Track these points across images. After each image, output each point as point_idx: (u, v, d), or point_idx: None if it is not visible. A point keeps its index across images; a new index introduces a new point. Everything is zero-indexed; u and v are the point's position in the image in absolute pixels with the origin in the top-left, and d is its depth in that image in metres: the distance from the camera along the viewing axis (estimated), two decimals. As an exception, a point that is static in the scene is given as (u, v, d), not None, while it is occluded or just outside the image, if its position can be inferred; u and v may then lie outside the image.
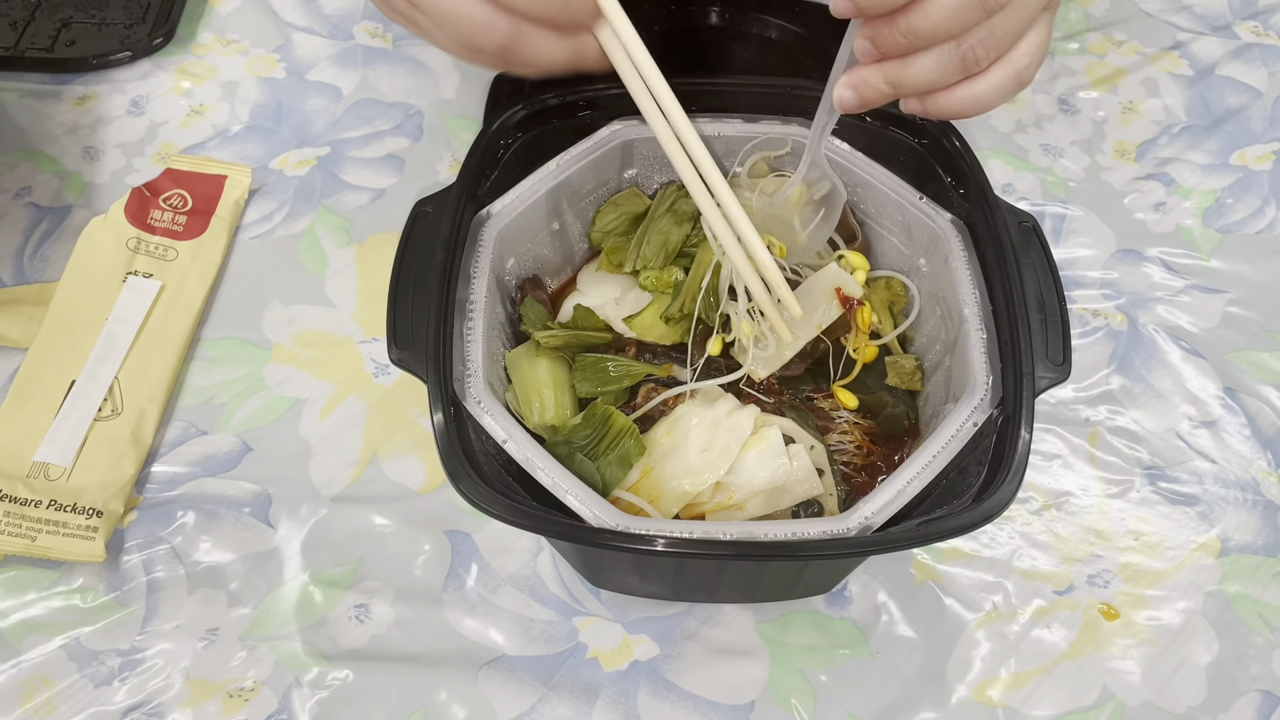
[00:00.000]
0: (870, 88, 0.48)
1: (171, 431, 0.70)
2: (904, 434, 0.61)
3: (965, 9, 0.44)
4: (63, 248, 0.77)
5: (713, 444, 0.55)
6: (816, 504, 0.56)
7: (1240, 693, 0.62)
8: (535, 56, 0.48)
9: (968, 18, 0.44)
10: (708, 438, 0.55)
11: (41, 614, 0.63)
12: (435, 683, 0.61)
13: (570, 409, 0.58)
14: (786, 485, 0.55)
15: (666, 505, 0.55)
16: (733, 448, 0.55)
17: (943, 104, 0.48)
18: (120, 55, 0.87)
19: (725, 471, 0.55)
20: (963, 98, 0.48)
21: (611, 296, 0.65)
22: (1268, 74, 0.90)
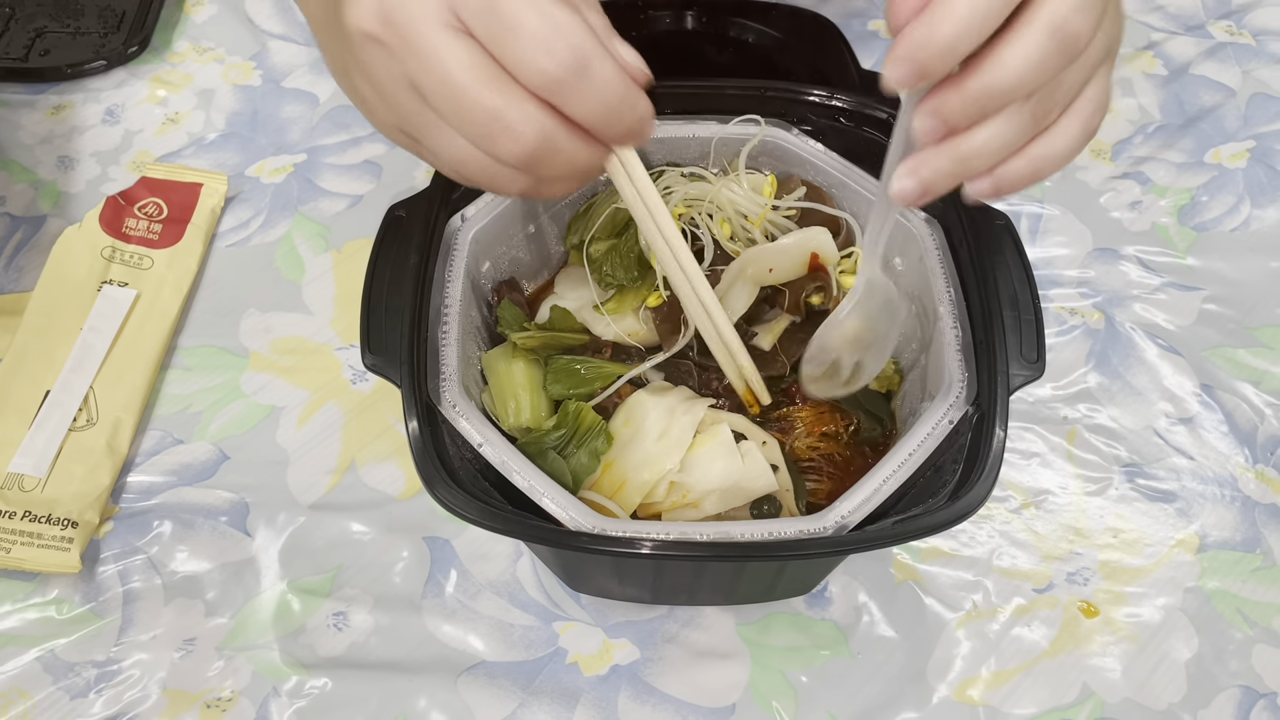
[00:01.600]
0: (935, 171, 0.42)
1: (147, 441, 0.69)
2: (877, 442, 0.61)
3: (1048, 59, 0.39)
4: (37, 257, 0.76)
5: (668, 430, 0.55)
6: (774, 501, 0.56)
7: (1220, 688, 0.62)
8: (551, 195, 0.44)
9: (1051, 67, 0.39)
10: (663, 425, 0.55)
11: (16, 626, 0.62)
12: (415, 690, 0.60)
13: (545, 410, 0.58)
14: (740, 482, 0.55)
15: (628, 497, 0.54)
16: (687, 433, 0.55)
17: (1015, 173, 0.42)
18: (95, 64, 0.87)
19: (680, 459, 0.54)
20: (1036, 159, 0.42)
21: (589, 300, 0.65)
22: (1241, 73, 0.90)
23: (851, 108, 0.64)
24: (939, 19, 0.37)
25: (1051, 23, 0.38)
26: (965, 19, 0.37)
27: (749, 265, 0.60)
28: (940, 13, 0.37)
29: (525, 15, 0.38)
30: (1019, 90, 0.39)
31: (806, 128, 0.64)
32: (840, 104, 0.64)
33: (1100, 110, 0.43)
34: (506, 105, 0.39)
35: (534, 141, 0.40)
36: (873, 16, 0.95)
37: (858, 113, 0.64)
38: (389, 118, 0.44)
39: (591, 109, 0.40)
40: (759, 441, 0.57)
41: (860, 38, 0.92)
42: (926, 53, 0.38)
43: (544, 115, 0.40)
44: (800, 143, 0.64)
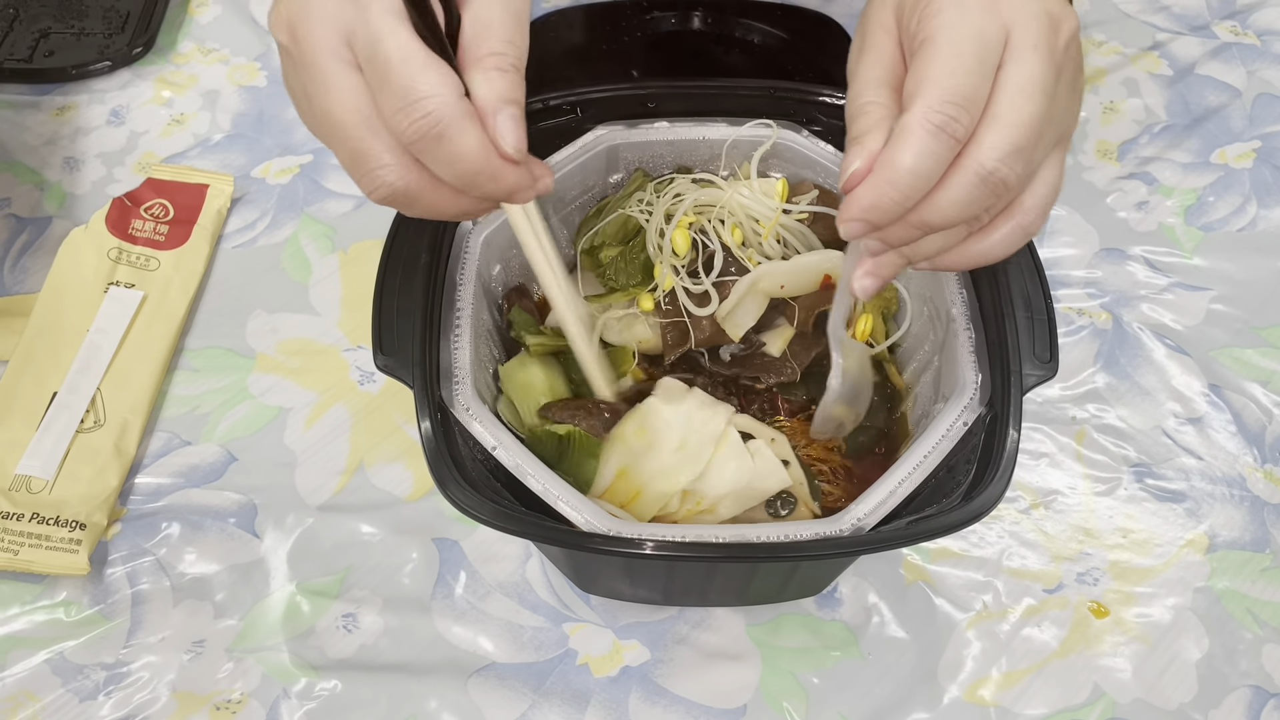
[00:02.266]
0: (888, 268, 0.47)
1: (155, 442, 0.69)
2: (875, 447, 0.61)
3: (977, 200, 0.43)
4: (43, 259, 0.76)
5: (686, 442, 0.55)
6: (790, 496, 0.56)
7: (1231, 688, 0.62)
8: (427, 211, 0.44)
9: (981, 206, 0.43)
10: (681, 435, 0.55)
11: (25, 628, 0.62)
12: (425, 692, 0.60)
13: None
14: (753, 482, 0.55)
15: (643, 508, 0.54)
16: (706, 446, 0.54)
17: (951, 263, 0.47)
18: (99, 65, 0.87)
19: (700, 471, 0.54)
20: (971, 255, 0.47)
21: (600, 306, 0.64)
22: (1246, 73, 0.90)
23: (862, 108, 0.63)
24: (886, 186, 0.42)
25: (980, 172, 0.42)
26: (908, 185, 0.42)
27: (762, 280, 0.60)
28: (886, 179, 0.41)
29: (395, 71, 0.39)
30: (952, 223, 0.44)
31: (816, 128, 0.64)
32: (850, 104, 0.64)
33: (1043, 211, 0.46)
34: (372, 151, 0.41)
35: (391, 190, 0.42)
36: (878, 17, 0.95)
37: (868, 113, 0.63)
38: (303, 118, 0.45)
39: (447, 174, 0.41)
40: (767, 439, 0.57)
41: (866, 38, 0.92)
42: (877, 213, 0.42)
43: (406, 167, 0.42)
44: (810, 144, 0.64)
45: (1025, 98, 0.42)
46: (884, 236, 0.45)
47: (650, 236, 0.62)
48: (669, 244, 0.61)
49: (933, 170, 0.41)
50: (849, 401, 0.57)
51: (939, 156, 0.41)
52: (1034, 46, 0.42)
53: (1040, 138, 0.42)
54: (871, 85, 0.45)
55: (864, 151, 0.43)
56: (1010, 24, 0.42)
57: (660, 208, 0.62)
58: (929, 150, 0.41)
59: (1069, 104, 0.45)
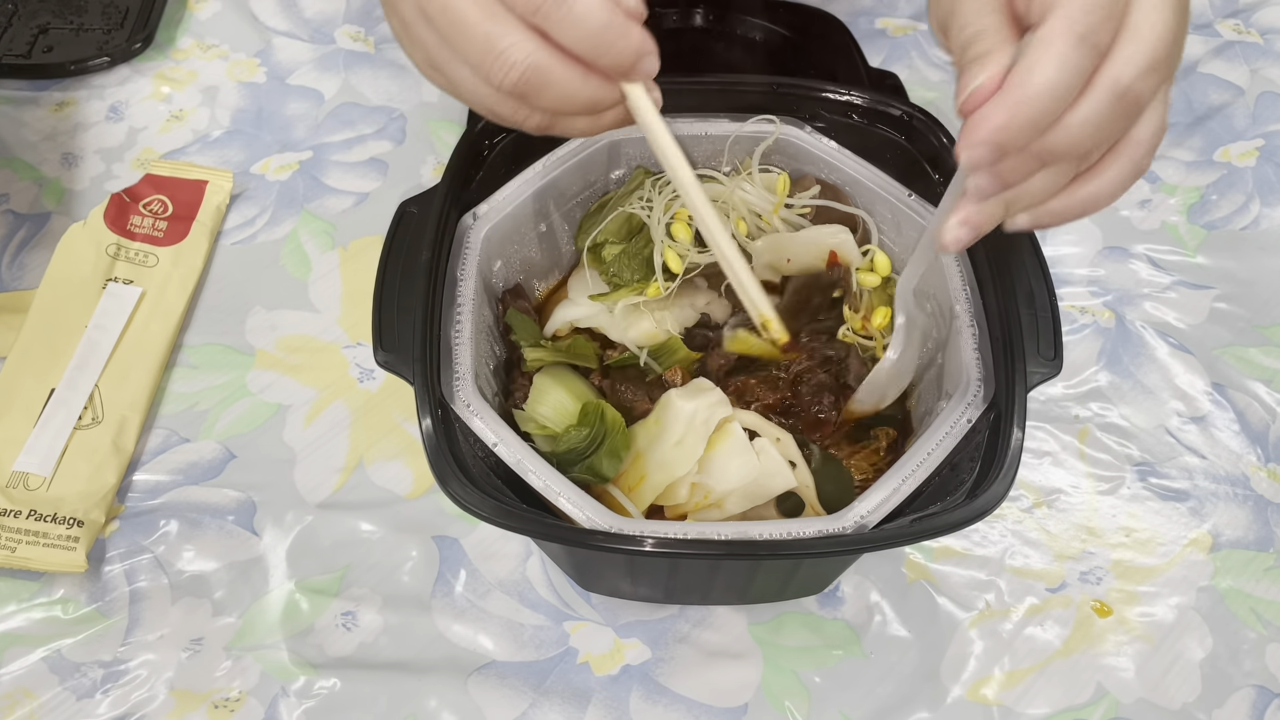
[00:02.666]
0: (986, 217, 0.43)
1: (153, 439, 0.69)
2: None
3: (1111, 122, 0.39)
4: (41, 255, 0.76)
5: (685, 438, 0.54)
6: (796, 497, 0.56)
7: (1235, 688, 0.61)
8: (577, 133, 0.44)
9: (1115, 129, 0.40)
10: (682, 431, 0.54)
11: (22, 626, 0.61)
12: (424, 690, 0.60)
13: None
14: (759, 479, 0.55)
15: (643, 495, 0.54)
16: (701, 440, 0.54)
17: (1057, 212, 0.43)
18: (98, 61, 0.86)
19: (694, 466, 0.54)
20: (1081, 199, 0.43)
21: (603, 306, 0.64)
22: (1249, 71, 0.90)
23: (865, 105, 0.63)
24: (1021, 103, 0.38)
25: (1116, 88, 0.39)
26: (1047, 102, 0.38)
27: (767, 252, 0.60)
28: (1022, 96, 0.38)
29: None
30: (1078, 150, 0.40)
31: (820, 125, 0.64)
32: (854, 101, 0.63)
33: (1152, 147, 0.42)
34: (498, 33, 0.40)
35: (523, 69, 0.40)
36: (880, 14, 0.95)
37: (871, 110, 0.63)
38: (416, 53, 0.44)
39: (574, 36, 0.40)
40: (772, 438, 0.56)
41: (868, 35, 0.92)
42: (1009, 134, 0.39)
43: (534, 43, 0.40)
44: (814, 140, 0.64)
45: (1160, 11, 0.39)
46: (1002, 170, 0.40)
47: (654, 232, 0.62)
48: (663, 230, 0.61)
49: (1073, 85, 0.38)
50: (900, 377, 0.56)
51: (1081, 70, 0.38)
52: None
53: (1170, 57, 0.40)
54: (981, 11, 0.42)
55: (987, 69, 0.39)
56: None
57: (660, 204, 0.62)
58: (1071, 62, 0.38)
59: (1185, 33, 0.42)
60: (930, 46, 0.92)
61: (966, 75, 0.40)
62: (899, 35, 0.93)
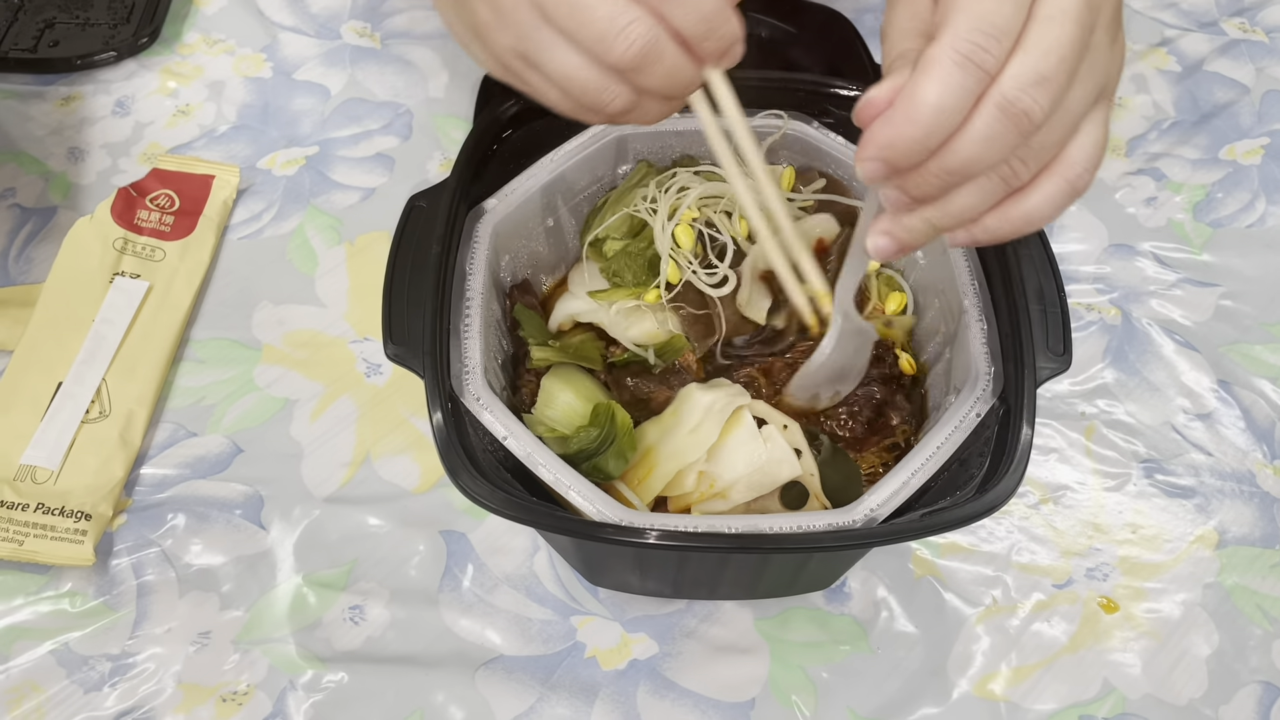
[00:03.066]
0: (908, 231, 0.44)
1: (161, 433, 0.69)
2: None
3: (1000, 137, 0.39)
4: (48, 249, 0.76)
5: (701, 425, 0.55)
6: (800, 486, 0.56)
7: (1241, 684, 0.61)
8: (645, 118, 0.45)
9: (1005, 144, 0.40)
10: (698, 419, 0.55)
11: (29, 619, 0.61)
12: (432, 684, 0.60)
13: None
14: (765, 467, 0.55)
15: (651, 485, 0.54)
16: (716, 428, 0.54)
17: (992, 230, 0.43)
18: (105, 55, 0.86)
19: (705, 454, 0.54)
20: (1013, 219, 0.43)
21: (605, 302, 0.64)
22: (1255, 70, 0.90)
23: (873, 100, 0.63)
24: (904, 122, 0.39)
25: (1000, 102, 0.39)
26: (930, 122, 0.39)
27: (758, 260, 0.60)
28: (905, 114, 0.39)
29: None
30: (976, 167, 0.40)
31: (828, 120, 0.64)
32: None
33: (1091, 165, 0.42)
34: (620, 10, 0.41)
35: (644, 44, 0.41)
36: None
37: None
38: (504, 39, 0.45)
39: (691, 18, 0.41)
40: (779, 425, 0.56)
41: (874, 32, 0.92)
42: (894, 151, 0.40)
43: (653, 20, 0.41)
44: (821, 135, 0.64)
45: (1054, 24, 0.39)
46: (904, 185, 0.42)
47: (657, 234, 0.62)
48: (668, 238, 0.61)
49: (958, 106, 0.38)
50: (834, 378, 0.57)
51: (966, 90, 0.38)
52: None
53: (1072, 73, 0.39)
54: (906, 35, 0.43)
55: (884, 86, 0.40)
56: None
57: (665, 203, 0.62)
58: (954, 83, 0.38)
59: (1109, 53, 0.42)
60: (936, 44, 0.92)
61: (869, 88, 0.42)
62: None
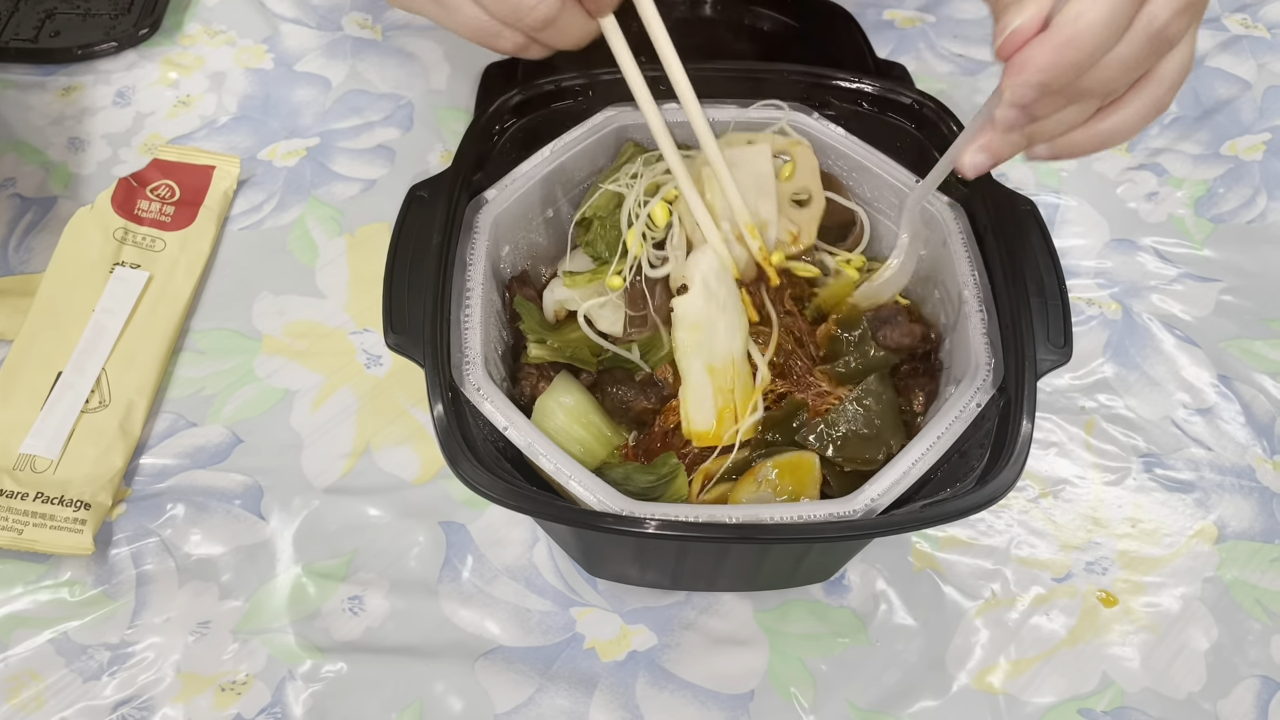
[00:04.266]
0: (1009, 145, 0.45)
1: (160, 423, 0.69)
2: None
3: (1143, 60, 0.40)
4: (48, 239, 0.76)
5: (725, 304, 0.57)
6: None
7: (1239, 678, 0.61)
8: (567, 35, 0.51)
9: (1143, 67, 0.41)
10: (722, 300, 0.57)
11: (28, 608, 0.61)
12: (431, 674, 0.60)
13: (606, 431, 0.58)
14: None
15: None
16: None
17: (1077, 144, 0.44)
18: (105, 46, 0.86)
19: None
20: (1100, 134, 0.44)
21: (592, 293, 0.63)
22: (1257, 66, 0.90)
23: (875, 92, 0.63)
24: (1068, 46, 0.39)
25: (1151, 27, 0.39)
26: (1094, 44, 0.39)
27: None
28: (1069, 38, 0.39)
29: None
30: (1110, 88, 0.41)
31: (829, 113, 0.64)
32: (864, 89, 0.64)
33: (1175, 85, 0.43)
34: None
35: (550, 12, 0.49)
36: (887, 5, 0.94)
37: (881, 98, 0.63)
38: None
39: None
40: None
41: (875, 26, 0.92)
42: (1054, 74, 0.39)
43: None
44: (821, 127, 0.64)
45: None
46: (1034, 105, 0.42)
47: (626, 205, 0.61)
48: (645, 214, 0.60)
49: (1118, 28, 0.39)
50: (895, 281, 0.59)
51: (1126, 12, 0.39)
52: None
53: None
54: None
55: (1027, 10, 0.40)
56: None
57: (645, 180, 0.62)
58: (1117, 5, 0.38)
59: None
60: (938, 38, 0.92)
61: (1004, 16, 0.41)
62: (906, 27, 0.93)
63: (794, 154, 0.62)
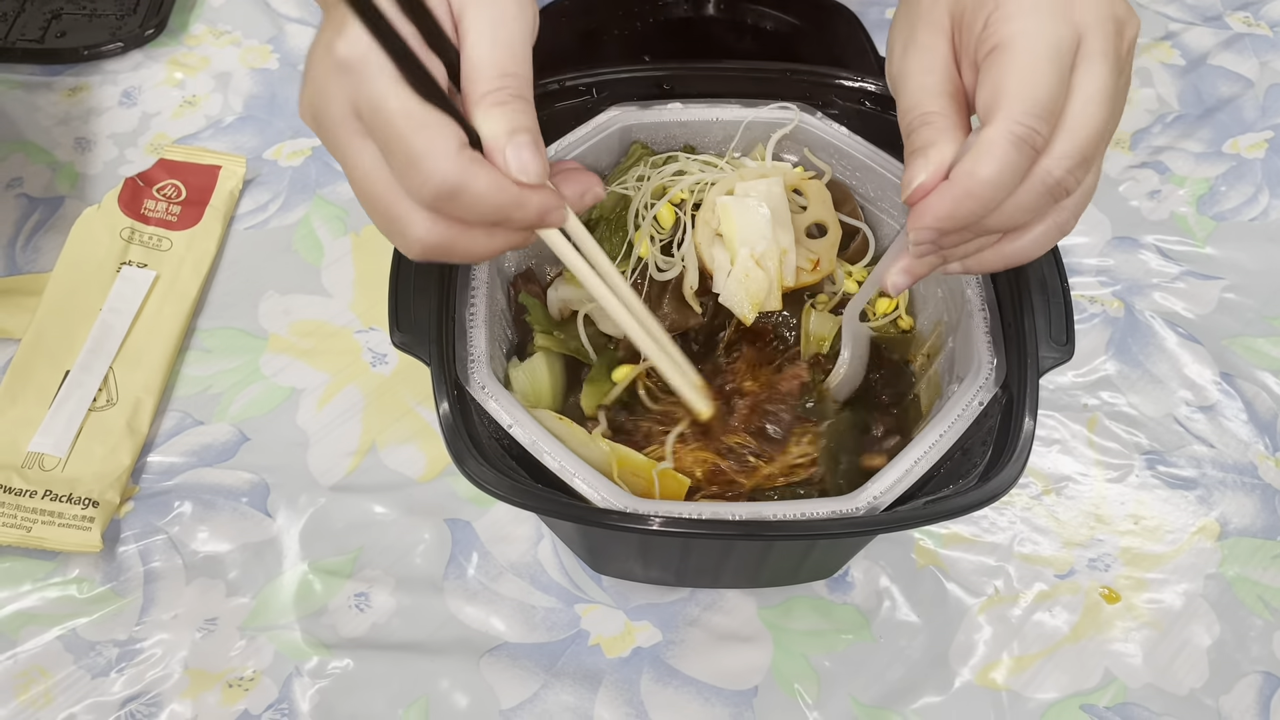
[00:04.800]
0: (925, 266, 0.48)
1: (167, 421, 0.69)
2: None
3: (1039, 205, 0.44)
4: (55, 239, 0.76)
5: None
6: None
7: (1242, 674, 0.62)
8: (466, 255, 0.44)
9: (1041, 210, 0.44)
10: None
11: (37, 605, 0.62)
12: (437, 671, 0.60)
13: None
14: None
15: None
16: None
17: (985, 263, 0.48)
18: (111, 46, 0.86)
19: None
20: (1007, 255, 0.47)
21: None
22: (1259, 64, 0.90)
23: (879, 92, 0.63)
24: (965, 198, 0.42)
25: (1047, 181, 0.43)
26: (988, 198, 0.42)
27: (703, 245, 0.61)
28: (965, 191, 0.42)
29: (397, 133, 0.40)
30: (1010, 225, 0.44)
31: (832, 112, 0.64)
32: (867, 87, 0.64)
33: (1077, 212, 0.46)
34: (399, 213, 0.42)
35: (425, 246, 0.43)
36: (890, 4, 0.95)
37: (884, 97, 0.63)
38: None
39: (476, 218, 0.42)
40: None
41: (878, 25, 0.92)
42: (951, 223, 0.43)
43: (434, 221, 0.42)
44: (825, 126, 0.64)
45: (1095, 106, 0.42)
46: (941, 240, 0.46)
47: (633, 207, 0.61)
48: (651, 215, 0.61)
49: (1012, 183, 0.42)
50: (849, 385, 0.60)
51: (1020, 169, 0.42)
52: (1103, 54, 0.43)
53: (1103, 146, 0.43)
54: (930, 94, 0.46)
55: (931, 164, 0.44)
56: (1082, 29, 0.43)
57: (653, 182, 0.62)
58: (1012, 163, 0.41)
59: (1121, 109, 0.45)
60: (940, 37, 0.92)
61: (912, 167, 0.44)
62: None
63: (806, 190, 0.63)
